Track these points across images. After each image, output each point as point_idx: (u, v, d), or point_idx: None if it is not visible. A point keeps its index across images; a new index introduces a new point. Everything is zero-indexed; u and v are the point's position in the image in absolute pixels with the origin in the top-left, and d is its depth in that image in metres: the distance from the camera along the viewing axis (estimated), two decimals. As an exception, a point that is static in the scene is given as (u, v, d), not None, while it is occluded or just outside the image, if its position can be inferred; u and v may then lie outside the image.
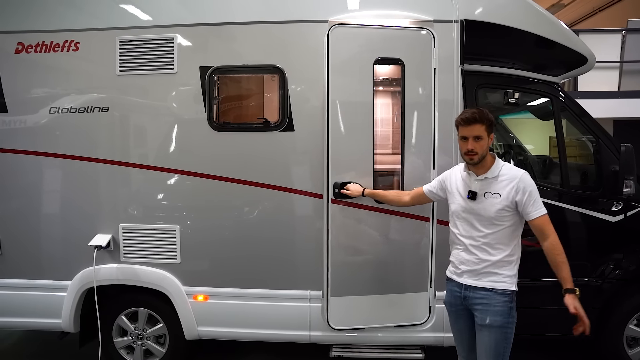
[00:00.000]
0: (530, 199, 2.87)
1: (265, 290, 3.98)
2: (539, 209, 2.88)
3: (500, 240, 2.94)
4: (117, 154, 4.03)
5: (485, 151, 2.94)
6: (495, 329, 2.92)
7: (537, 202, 2.88)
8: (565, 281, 2.84)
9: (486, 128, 2.93)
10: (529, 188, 2.88)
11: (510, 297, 2.93)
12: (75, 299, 4.08)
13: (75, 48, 4.01)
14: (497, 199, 2.91)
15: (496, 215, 2.91)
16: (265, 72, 3.94)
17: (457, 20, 3.77)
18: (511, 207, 2.90)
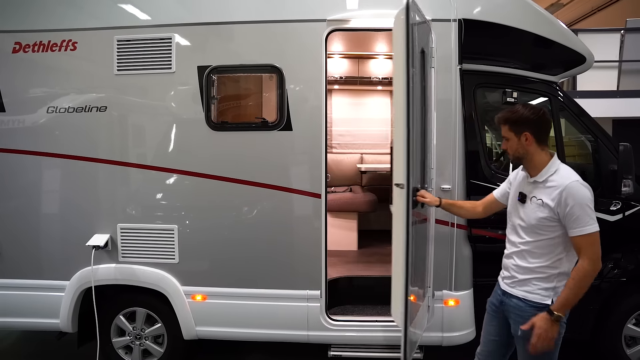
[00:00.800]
0: (572, 214, 2.58)
1: (264, 290, 3.98)
2: (581, 227, 2.58)
3: (542, 250, 2.73)
4: (115, 153, 4.02)
5: (519, 153, 2.80)
6: (527, 342, 2.71)
7: (580, 220, 2.57)
8: (558, 305, 2.64)
9: (509, 128, 2.80)
10: (577, 202, 2.58)
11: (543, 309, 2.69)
12: (73, 299, 4.07)
13: (73, 48, 4.00)
14: (540, 206, 2.70)
15: (537, 224, 2.71)
16: (263, 71, 3.94)
17: (456, 19, 3.76)
18: (555, 218, 2.65)
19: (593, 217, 2.60)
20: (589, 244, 2.61)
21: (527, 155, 2.78)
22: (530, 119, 2.75)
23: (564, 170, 2.73)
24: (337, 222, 5.80)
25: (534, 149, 2.76)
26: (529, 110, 2.78)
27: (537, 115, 2.76)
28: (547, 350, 2.65)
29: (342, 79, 7.13)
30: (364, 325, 4.04)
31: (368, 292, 4.58)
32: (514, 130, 2.78)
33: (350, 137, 7.39)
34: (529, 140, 2.75)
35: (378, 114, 7.43)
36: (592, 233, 2.59)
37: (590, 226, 2.59)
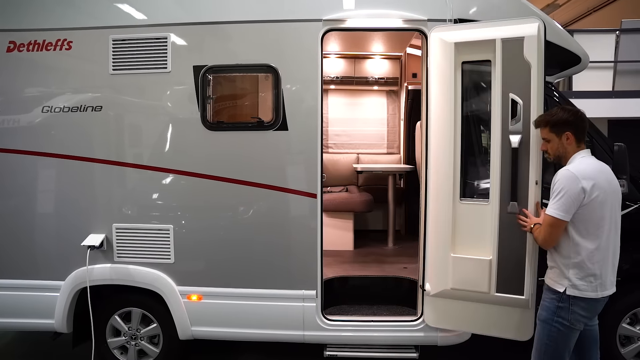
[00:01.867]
0: (552, 194, 2.91)
1: (259, 290, 3.97)
2: (548, 207, 2.91)
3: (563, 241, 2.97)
4: (111, 153, 4.01)
5: (559, 151, 3.05)
6: (541, 323, 3.02)
7: (552, 199, 2.89)
8: None
9: (550, 130, 3.05)
10: (556, 185, 2.90)
11: (559, 296, 2.94)
12: (68, 299, 4.06)
13: (68, 47, 3.99)
14: None
15: None
16: (259, 71, 3.94)
17: (452, 19, 3.77)
18: None
19: (560, 202, 2.84)
20: (544, 224, 2.96)
21: (566, 154, 3.03)
22: (570, 120, 3.00)
23: (577, 162, 2.98)
24: (333, 222, 5.80)
25: (573, 147, 3.02)
26: (567, 112, 3.04)
27: (577, 116, 3.02)
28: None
29: (339, 79, 7.13)
30: (359, 325, 4.04)
31: (364, 292, 4.59)
32: (555, 131, 3.03)
33: (346, 137, 7.39)
34: (570, 139, 3.00)
35: (374, 114, 7.43)
36: (549, 216, 2.89)
37: (550, 208, 2.89)
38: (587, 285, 2.91)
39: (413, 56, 6.62)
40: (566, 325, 2.92)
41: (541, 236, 2.98)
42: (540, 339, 3.02)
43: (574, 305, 2.91)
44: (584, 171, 2.88)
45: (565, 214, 2.84)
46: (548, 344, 2.97)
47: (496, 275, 3.51)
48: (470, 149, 3.72)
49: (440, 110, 3.66)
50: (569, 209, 2.84)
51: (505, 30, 3.48)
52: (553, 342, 2.95)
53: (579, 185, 2.83)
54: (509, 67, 3.45)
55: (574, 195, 2.83)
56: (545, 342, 2.98)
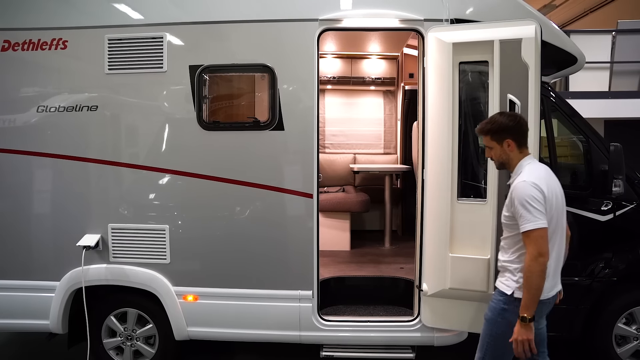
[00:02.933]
0: (517, 212, 2.78)
1: (256, 290, 3.96)
2: (522, 224, 2.76)
3: (510, 247, 2.94)
4: (106, 153, 3.99)
5: (502, 158, 3.00)
6: (485, 322, 3.01)
7: (522, 217, 2.75)
8: (521, 308, 2.77)
9: (491, 138, 3.00)
10: (516, 199, 2.78)
11: (506, 298, 2.90)
12: (63, 300, 4.04)
13: (63, 46, 3.97)
14: (506, 203, 2.95)
15: (504, 221, 2.96)
16: (255, 71, 3.93)
17: (448, 19, 3.77)
18: (513, 217, 2.85)
19: (534, 214, 2.73)
20: (529, 241, 2.75)
21: (509, 160, 2.99)
22: (509, 126, 2.94)
23: (526, 170, 2.90)
24: (330, 222, 5.79)
25: (515, 153, 2.97)
26: (507, 118, 2.99)
27: (516, 122, 2.97)
28: (530, 351, 2.78)
29: (335, 79, 7.13)
30: (356, 326, 4.03)
31: (360, 292, 4.59)
32: (496, 139, 2.97)
33: (343, 137, 7.38)
34: (511, 146, 2.95)
35: (371, 114, 7.43)
36: (530, 231, 2.73)
37: (528, 224, 2.73)
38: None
39: (410, 56, 6.62)
40: (510, 327, 2.85)
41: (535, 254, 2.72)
42: (483, 338, 3.03)
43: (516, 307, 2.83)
44: (538, 177, 2.84)
45: (545, 221, 2.75)
46: (490, 342, 2.98)
47: (494, 275, 3.51)
48: (467, 149, 3.73)
49: (438, 110, 3.66)
50: (544, 214, 2.76)
51: (502, 32, 3.49)
52: (494, 341, 2.96)
53: (539, 191, 2.78)
54: (507, 68, 3.46)
55: (541, 201, 2.76)
56: (487, 341, 2.98)
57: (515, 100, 3.42)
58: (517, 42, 3.41)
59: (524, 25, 3.46)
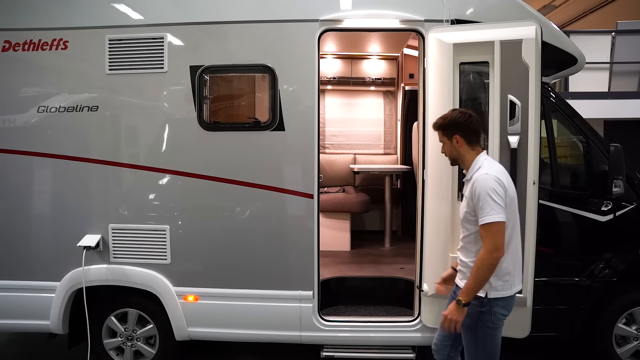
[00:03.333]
0: (479, 204, 2.78)
1: (256, 291, 3.96)
2: (482, 217, 2.76)
3: (472, 246, 2.94)
4: (107, 153, 3.99)
5: (452, 153, 3.03)
6: (465, 329, 2.95)
7: (485, 209, 2.75)
8: (462, 291, 2.84)
9: (442, 133, 3.02)
10: (479, 191, 2.78)
11: (481, 301, 2.88)
12: (64, 300, 4.04)
13: (64, 47, 3.97)
14: (465, 201, 2.94)
15: (464, 218, 2.96)
16: (255, 71, 3.93)
17: (448, 20, 3.77)
18: (473, 212, 2.86)
19: (495, 207, 2.74)
20: (487, 234, 2.75)
21: (460, 156, 3.01)
22: (459, 122, 2.95)
23: (485, 165, 2.91)
24: (330, 223, 5.80)
25: (465, 149, 2.97)
26: (457, 114, 3.00)
27: (465, 118, 2.96)
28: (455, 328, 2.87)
29: (335, 79, 7.13)
30: (356, 326, 4.04)
31: (360, 292, 4.59)
32: (447, 134, 3.00)
33: (343, 137, 7.39)
34: (459, 142, 2.96)
35: (371, 114, 7.44)
36: (490, 223, 2.73)
37: (488, 216, 2.74)
38: (504, 284, 2.88)
39: (410, 57, 6.62)
40: (491, 327, 2.91)
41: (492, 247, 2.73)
42: (469, 346, 2.99)
43: (495, 306, 2.88)
44: (498, 172, 2.88)
45: (504, 215, 2.77)
46: (478, 347, 2.95)
47: None
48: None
49: (438, 111, 3.63)
50: (504, 209, 2.78)
51: (503, 32, 3.50)
52: (482, 345, 2.94)
53: (500, 184, 2.80)
54: (507, 68, 3.46)
55: (502, 195, 2.78)
56: (474, 346, 2.96)
57: (515, 100, 3.43)
58: (518, 42, 3.42)
59: (524, 26, 3.47)
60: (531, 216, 3.45)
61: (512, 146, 3.44)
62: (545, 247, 3.85)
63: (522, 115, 3.42)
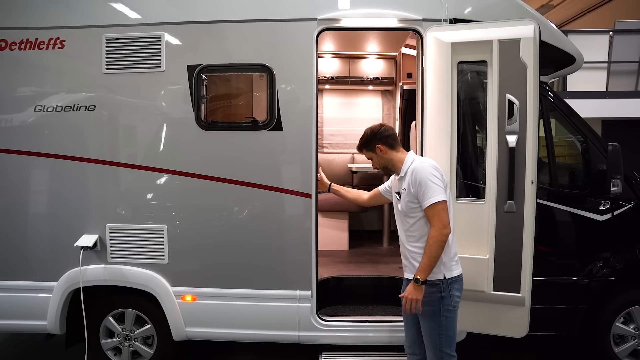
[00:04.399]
0: (421, 189, 2.99)
1: (254, 291, 3.95)
2: (425, 200, 2.97)
3: (417, 232, 3.10)
4: (104, 153, 3.98)
5: (383, 163, 3.27)
6: (426, 318, 3.11)
7: (428, 192, 2.96)
8: (417, 270, 3.01)
9: (366, 150, 3.31)
10: (419, 178, 3.00)
11: (440, 287, 3.05)
12: (61, 301, 4.02)
13: (60, 46, 3.95)
14: (404, 193, 3.12)
15: (407, 209, 3.12)
16: (253, 70, 3.92)
17: (447, 19, 3.77)
18: (415, 200, 3.05)
19: (436, 189, 2.97)
20: (433, 214, 2.97)
21: (389, 162, 3.25)
22: (374, 134, 3.25)
23: (417, 158, 3.18)
24: (328, 222, 5.79)
25: (391, 154, 3.23)
26: (370, 129, 3.29)
27: (378, 129, 3.26)
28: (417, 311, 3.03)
29: (334, 78, 7.12)
30: (354, 326, 4.03)
31: (359, 292, 4.58)
32: (370, 148, 3.27)
33: (341, 137, 7.38)
34: (383, 150, 3.22)
35: (369, 114, 7.42)
36: (434, 203, 2.96)
37: (432, 197, 2.96)
38: (455, 264, 3.13)
39: (408, 56, 6.60)
40: (451, 310, 3.09)
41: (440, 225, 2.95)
42: (432, 333, 3.11)
43: (452, 289, 3.08)
44: (431, 161, 3.16)
45: (445, 195, 3.00)
46: (441, 333, 3.08)
47: (493, 274, 3.52)
48: (465, 149, 3.73)
49: (436, 110, 3.66)
50: (444, 189, 3.02)
51: (501, 31, 3.49)
52: (445, 330, 3.08)
53: (437, 169, 3.06)
54: (506, 68, 3.46)
55: (440, 179, 3.03)
56: (437, 332, 3.08)
57: (513, 100, 3.43)
58: (516, 42, 3.42)
59: (522, 25, 3.46)
60: (529, 215, 3.45)
61: (511, 145, 3.44)
62: (543, 246, 3.86)
63: (521, 114, 3.41)
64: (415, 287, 2.99)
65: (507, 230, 3.50)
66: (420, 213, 3.06)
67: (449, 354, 3.12)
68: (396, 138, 3.28)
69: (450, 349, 3.12)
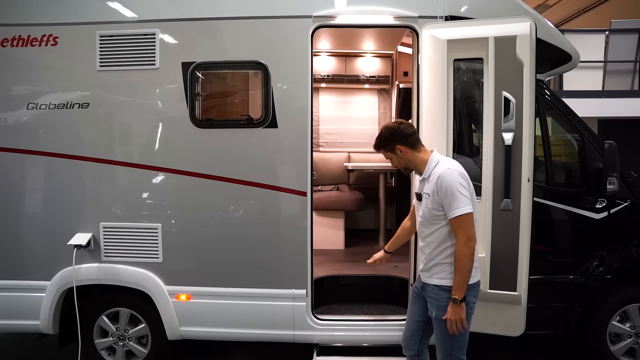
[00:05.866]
0: (447, 198, 2.87)
1: (249, 289, 3.93)
2: (454, 209, 2.86)
3: (440, 239, 3.00)
4: (97, 151, 3.95)
5: (403, 164, 3.13)
6: (440, 322, 3.02)
7: (454, 203, 2.85)
8: (453, 289, 2.92)
9: (385, 151, 3.15)
10: (445, 186, 2.87)
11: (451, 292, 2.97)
12: (54, 300, 3.99)
13: (54, 43, 3.92)
14: (428, 198, 2.99)
15: (429, 215, 3.00)
16: (248, 68, 3.90)
17: (443, 16, 3.75)
18: (440, 206, 2.93)
19: (462, 200, 2.85)
20: (458, 226, 2.88)
21: (410, 162, 3.11)
22: (393, 133, 3.08)
23: (443, 161, 3.02)
24: (324, 221, 5.77)
25: (412, 154, 3.08)
26: (387, 128, 3.13)
27: (397, 127, 3.09)
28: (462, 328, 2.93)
29: (330, 77, 7.10)
30: (350, 324, 4.01)
31: (355, 291, 4.57)
32: (389, 149, 3.12)
33: (337, 135, 7.36)
34: (403, 151, 3.07)
35: (365, 112, 7.41)
36: (460, 216, 2.85)
37: (457, 209, 2.85)
38: (474, 270, 2.99)
39: (404, 54, 6.60)
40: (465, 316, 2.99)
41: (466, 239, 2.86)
42: (444, 337, 3.05)
43: (468, 295, 2.97)
44: (458, 166, 3.00)
45: (471, 207, 2.90)
46: (454, 338, 3.02)
47: (489, 272, 3.51)
48: (461, 146, 3.72)
49: (432, 107, 3.65)
50: (471, 199, 2.92)
51: (497, 29, 3.48)
52: (458, 335, 3.00)
53: (464, 178, 2.94)
54: (502, 65, 3.46)
55: (467, 187, 2.92)
56: (451, 337, 3.02)
57: (510, 97, 3.41)
58: (512, 39, 3.41)
59: (518, 22, 3.45)
60: (525, 213, 3.44)
61: (507, 143, 3.43)
62: (539, 245, 3.85)
63: (517, 111, 3.40)
64: (454, 307, 2.90)
65: (503, 228, 3.49)
66: (444, 221, 2.96)
67: (459, 358, 3.07)
68: (418, 137, 3.15)
69: (461, 352, 3.07)
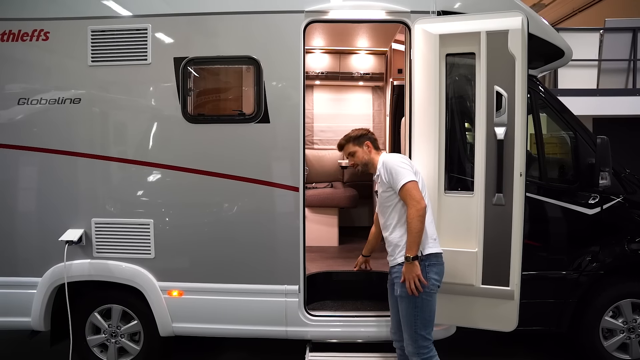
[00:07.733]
0: (392, 176, 3.21)
1: (241, 285, 3.91)
2: (399, 182, 3.16)
3: (399, 218, 3.26)
4: (89, 146, 3.93)
5: (364, 158, 3.46)
6: (403, 299, 3.20)
7: (398, 176, 3.18)
8: (405, 250, 3.17)
9: (353, 144, 3.48)
10: (389, 167, 3.24)
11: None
12: (45, 297, 3.97)
13: (45, 38, 3.90)
14: (380, 185, 3.34)
15: (383, 200, 3.32)
16: (240, 63, 3.89)
17: (435, 11, 3.75)
18: (389, 188, 3.25)
19: (404, 172, 3.19)
20: (406, 194, 3.16)
21: (370, 159, 3.46)
22: (364, 133, 3.51)
23: (385, 156, 3.40)
24: (318, 218, 5.75)
25: (374, 153, 3.47)
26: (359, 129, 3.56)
27: (367, 130, 3.56)
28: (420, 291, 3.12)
29: (324, 74, 7.07)
30: (343, 321, 4.01)
31: (348, 287, 4.55)
32: (357, 143, 3.47)
33: (331, 132, 7.33)
34: (369, 147, 3.47)
35: (360, 110, 7.39)
36: (404, 184, 3.16)
37: (402, 179, 3.17)
38: (434, 242, 3.25)
39: (398, 52, 6.58)
40: (427, 292, 3.16)
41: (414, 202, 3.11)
42: (408, 314, 3.19)
43: (429, 271, 3.17)
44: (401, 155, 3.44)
45: (413, 176, 3.19)
46: (416, 314, 3.15)
47: (482, 267, 3.51)
48: (454, 141, 3.71)
49: (425, 102, 3.64)
50: (414, 173, 3.22)
51: (489, 23, 3.48)
52: (420, 310, 3.15)
53: (404, 158, 3.35)
54: (494, 59, 3.46)
55: (407, 163, 3.29)
56: (413, 313, 3.16)
57: (502, 91, 3.41)
58: (504, 33, 3.41)
59: (510, 16, 3.45)
60: (518, 208, 3.44)
61: (499, 137, 3.43)
62: (532, 241, 3.86)
63: (509, 106, 3.40)
64: (408, 265, 3.11)
65: (496, 223, 3.49)
66: (395, 199, 3.24)
67: (424, 336, 3.16)
68: (377, 142, 3.57)
69: (426, 331, 3.17)
